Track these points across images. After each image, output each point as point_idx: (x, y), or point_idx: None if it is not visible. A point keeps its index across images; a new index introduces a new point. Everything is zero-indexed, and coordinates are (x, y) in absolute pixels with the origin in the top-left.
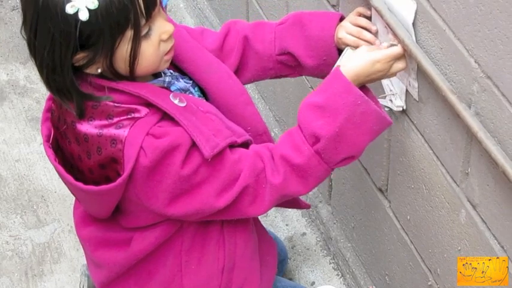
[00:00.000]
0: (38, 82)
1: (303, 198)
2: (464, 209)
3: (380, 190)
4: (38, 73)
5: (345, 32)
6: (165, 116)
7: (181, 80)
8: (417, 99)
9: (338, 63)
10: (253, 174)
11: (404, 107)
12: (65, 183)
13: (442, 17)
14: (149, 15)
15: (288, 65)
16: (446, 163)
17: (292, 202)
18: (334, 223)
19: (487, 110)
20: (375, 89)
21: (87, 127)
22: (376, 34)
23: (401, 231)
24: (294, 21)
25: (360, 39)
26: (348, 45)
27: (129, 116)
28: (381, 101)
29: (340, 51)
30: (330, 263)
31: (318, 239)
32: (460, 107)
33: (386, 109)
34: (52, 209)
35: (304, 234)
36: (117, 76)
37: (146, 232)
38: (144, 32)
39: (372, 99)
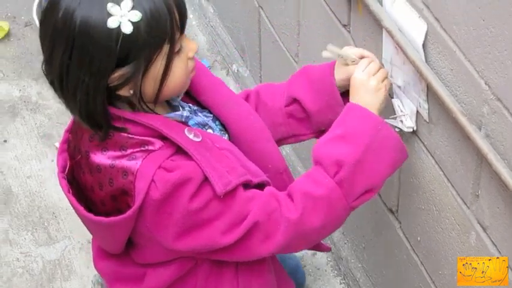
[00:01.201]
0: (50, 99)
1: None
2: (474, 231)
3: (390, 211)
4: (50, 89)
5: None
6: (179, 150)
7: (200, 114)
8: (427, 121)
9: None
10: (265, 213)
11: (415, 128)
12: (78, 215)
13: (453, 38)
14: (183, 29)
15: (297, 118)
16: (457, 185)
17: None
18: (345, 243)
19: (497, 132)
20: (386, 110)
21: (100, 157)
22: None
23: (411, 252)
24: (300, 71)
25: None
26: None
27: (142, 148)
28: (392, 122)
29: (342, 93)
30: (341, 283)
31: (329, 259)
32: (470, 128)
33: (396, 129)
34: (63, 226)
35: (314, 254)
36: (140, 101)
37: (160, 269)
38: (177, 47)
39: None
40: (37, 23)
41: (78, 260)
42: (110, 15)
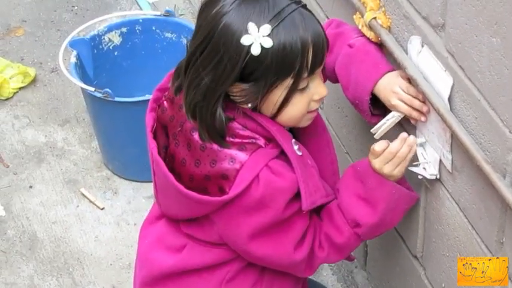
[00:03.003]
0: (76, 144)
1: None
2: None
3: (415, 257)
4: (76, 135)
5: (397, 99)
6: (281, 155)
7: None
8: (450, 171)
9: (381, 124)
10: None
11: (438, 176)
12: (157, 177)
13: (477, 87)
14: (313, 72)
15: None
16: (481, 232)
17: None
18: None
19: None
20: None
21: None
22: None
23: None
24: (351, 53)
25: (411, 107)
26: (399, 112)
27: (251, 141)
28: (415, 169)
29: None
30: None
31: None
32: (495, 176)
33: (420, 177)
34: (88, 272)
35: None
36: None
37: (201, 247)
38: (302, 85)
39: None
40: (64, 69)
41: None
42: (246, 32)
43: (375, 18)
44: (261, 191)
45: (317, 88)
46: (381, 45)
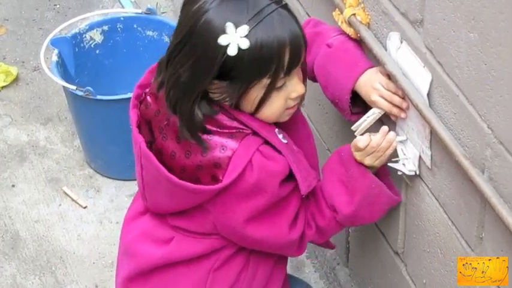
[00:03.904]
0: (58, 143)
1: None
2: None
3: (396, 253)
4: (58, 134)
5: (377, 95)
6: (268, 144)
7: None
8: (430, 167)
9: (361, 121)
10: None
11: (417, 172)
12: (146, 171)
13: (456, 82)
14: (290, 72)
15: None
16: (461, 228)
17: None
18: (352, 286)
19: (501, 175)
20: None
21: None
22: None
23: None
24: (329, 53)
25: (391, 103)
26: (379, 108)
27: (238, 131)
28: (394, 165)
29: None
30: None
31: None
32: (473, 172)
33: (399, 173)
34: (70, 271)
35: None
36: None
37: (189, 239)
38: (279, 84)
39: (385, 179)
40: (45, 68)
41: None
42: (224, 32)
43: (354, 14)
44: (255, 176)
45: (295, 86)
46: (360, 42)
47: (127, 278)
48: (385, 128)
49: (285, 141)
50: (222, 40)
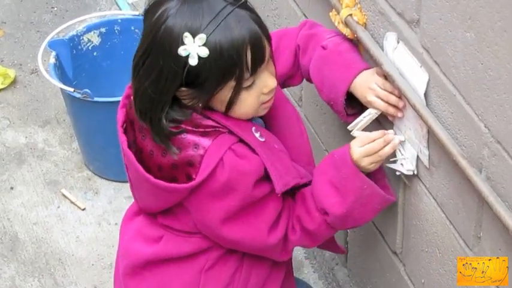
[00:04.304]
0: (56, 145)
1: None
2: None
3: (395, 253)
4: (56, 136)
5: (374, 95)
6: (244, 142)
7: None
8: (427, 167)
9: (358, 120)
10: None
11: (415, 172)
12: (130, 171)
13: (452, 82)
14: (255, 70)
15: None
16: (459, 227)
17: (329, 246)
18: (351, 286)
19: (498, 174)
20: None
21: (172, 128)
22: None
23: None
24: (324, 55)
25: (388, 103)
26: (376, 108)
27: (213, 130)
28: (392, 165)
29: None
30: None
31: None
32: (471, 171)
33: (397, 173)
34: (69, 272)
35: None
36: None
37: (178, 238)
38: (246, 84)
39: (379, 177)
40: (43, 70)
41: None
42: (183, 43)
43: (350, 15)
44: (226, 175)
45: (265, 82)
46: (356, 43)
47: (121, 274)
48: (390, 135)
49: (262, 139)
50: (181, 51)
